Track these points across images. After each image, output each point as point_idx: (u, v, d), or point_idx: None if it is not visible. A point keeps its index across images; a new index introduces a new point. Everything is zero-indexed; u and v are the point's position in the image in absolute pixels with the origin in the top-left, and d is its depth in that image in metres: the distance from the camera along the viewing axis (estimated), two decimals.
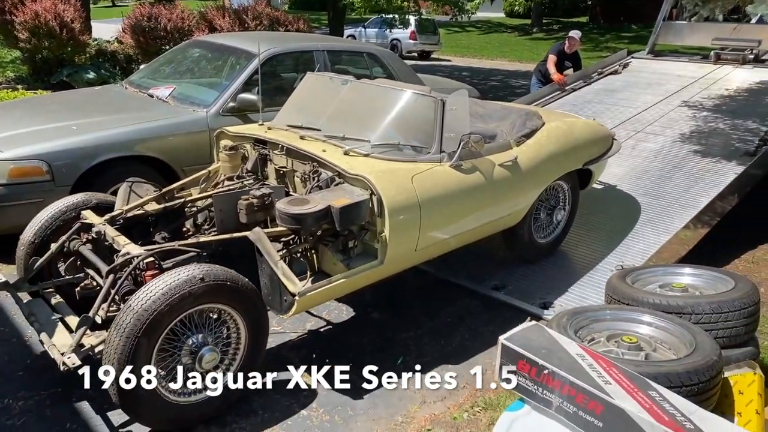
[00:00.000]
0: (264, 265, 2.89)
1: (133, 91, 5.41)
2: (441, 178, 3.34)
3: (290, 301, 2.84)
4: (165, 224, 3.41)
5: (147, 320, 2.46)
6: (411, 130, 3.50)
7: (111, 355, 2.47)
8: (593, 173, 4.63)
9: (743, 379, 2.49)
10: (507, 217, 3.86)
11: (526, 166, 3.84)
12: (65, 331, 2.81)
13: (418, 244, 3.27)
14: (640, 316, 2.65)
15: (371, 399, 2.98)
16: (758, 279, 4.41)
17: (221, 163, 3.79)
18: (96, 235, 3.08)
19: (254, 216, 3.20)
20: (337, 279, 2.99)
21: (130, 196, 3.47)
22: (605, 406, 1.94)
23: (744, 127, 6.06)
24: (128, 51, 9.04)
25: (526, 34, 27.03)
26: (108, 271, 2.79)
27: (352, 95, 3.75)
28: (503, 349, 2.22)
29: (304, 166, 3.38)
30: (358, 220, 3.02)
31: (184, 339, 2.64)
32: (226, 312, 2.74)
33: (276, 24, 9.01)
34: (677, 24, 8.47)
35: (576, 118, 4.88)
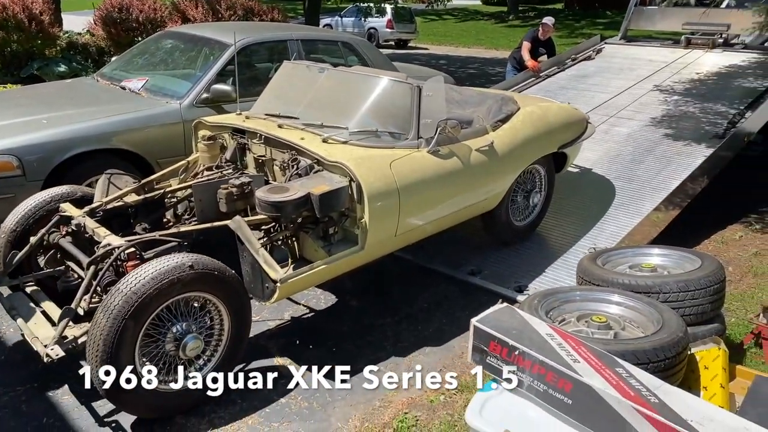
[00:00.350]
0: (245, 253, 2.92)
1: (105, 83, 5.33)
2: (419, 163, 3.38)
3: (272, 288, 2.87)
4: (145, 215, 3.42)
5: (135, 302, 2.48)
6: (388, 116, 3.53)
7: (97, 336, 2.47)
8: (568, 156, 4.70)
9: (708, 354, 2.58)
10: (485, 201, 3.92)
11: (503, 151, 3.89)
12: (47, 324, 2.81)
13: (398, 229, 3.31)
14: (609, 296, 2.72)
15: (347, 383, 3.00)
16: (727, 258, 4.52)
17: (200, 153, 3.79)
18: (76, 227, 3.08)
19: (234, 205, 3.22)
20: (319, 265, 3.03)
21: (109, 188, 3.46)
22: (574, 383, 1.99)
23: (713, 110, 6.16)
24: (100, 43, 8.90)
25: (502, 22, 27.07)
26: (89, 263, 2.79)
27: (329, 83, 3.77)
28: (475, 331, 2.27)
29: (283, 155, 3.39)
30: (337, 207, 3.06)
31: (168, 326, 2.66)
32: (210, 302, 2.76)
33: (250, 14, 8.92)
34: (649, 9, 8.56)
35: (550, 103, 4.94)
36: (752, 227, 5.11)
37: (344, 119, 3.47)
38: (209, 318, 2.79)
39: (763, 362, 3.13)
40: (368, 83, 3.65)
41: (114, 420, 2.78)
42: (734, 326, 3.49)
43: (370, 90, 3.59)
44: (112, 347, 2.46)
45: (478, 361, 2.26)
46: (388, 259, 3.74)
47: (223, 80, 4.91)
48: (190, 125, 4.68)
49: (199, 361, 2.80)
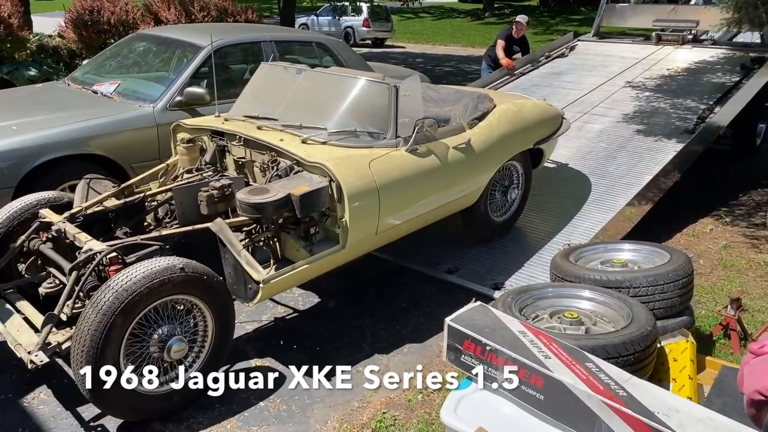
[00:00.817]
0: (227, 255, 2.94)
1: (76, 87, 5.27)
2: (398, 162, 3.42)
3: (255, 289, 2.90)
4: (126, 219, 3.41)
5: (126, 299, 2.51)
6: (366, 116, 3.57)
7: (84, 332, 2.47)
8: (544, 152, 4.78)
9: (677, 347, 2.64)
10: (463, 197, 3.97)
11: (480, 148, 3.95)
12: (30, 330, 2.81)
13: (378, 227, 3.35)
14: (581, 292, 2.77)
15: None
16: (698, 251, 4.62)
17: (179, 156, 3.79)
18: (56, 233, 3.07)
19: (215, 207, 3.24)
20: (301, 265, 3.05)
21: (88, 193, 3.46)
22: (545, 379, 2.03)
23: (684, 105, 6.28)
24: (71, 46, 8.76)
25: (478, 19, 27.21)
26: (71, 269, 2.78)
27: (307, 84, 3.79)
28: (449, 330, 2.30)
29: (263, 156, 3.41)
30: (318, 207, 3.09)
31: (154, 328, 2.67)
32: (195, 305, 2.78)
33: (224, 14, 8.86)
34: (620, 7, 8.68)
35: (526, 99, 5.00)
36: (722, 220, 5.22)
37: (323, 120, 3.50)
38: (193, 321, 2.80)
39: (732, 353, 3.21)
40: (346, 84, 3.68)
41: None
42: (704, 318, 3.57)
43: (348, 90, 3.62)
44: (99, 343, 2.47)
45: (452, 360, 2.29)
46: (365, 259, 3.76)
47: (197, 83, 4.90)
48: (164, 129, 4.68)
49: (182, 364, 2.79)
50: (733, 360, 3.07)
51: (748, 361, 1.70)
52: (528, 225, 4.75)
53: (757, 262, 4.42)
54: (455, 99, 4.50)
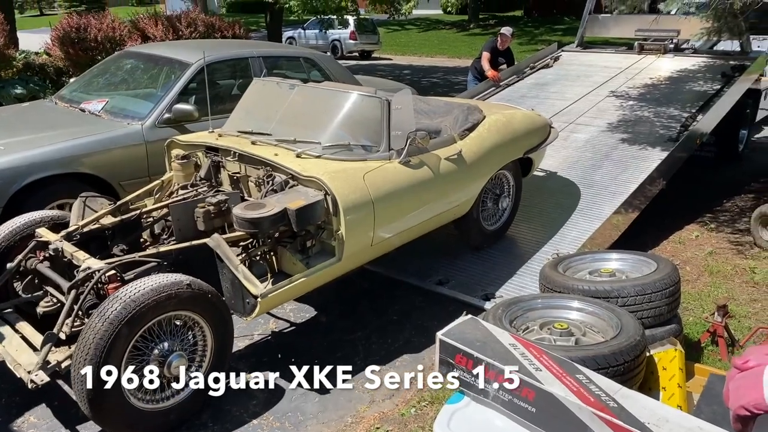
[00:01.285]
0: (224, 271, 2.96)
1: (63, 106, 5.26)
2: (391, 174, 3.47)
3: (253, 303, 2.91)
4: (122, 237, 3.42)
5: (133, 310, 2.54)
6: (359, 130, 3.62)
7: (89, 340, 2.48)
8: (533, 161, 4.86)
9: (666, 355, 2.67)
10: (456, 207, 4.04)
11: (471, 159, 4.02)
12: (29, 350, 2.81)
13: (374, 239, 3.39)
14: (570, 303, 2.80)
15: (321, 403, 3.04)
16: (684, 258, 4.68)
17: (174, 173, 3.82)
18: (54, 252, 3.08)
19: (212, 223, 3.26)
20: (298, 278, 3.07)
21: (84, 211, 3.47)
22: (537, 392, 2.05)
23: (667, 114, 6.37)
24: (58, 63, 8.75)
25: (463, 30, 27.44)
26: (70, 287, 2.79)
27: (300, 99, 3.84)
28: (441, 344, 2.31)
29: (258, 171, 3.45)
30: (314, 221, 3.11)
31: (157, 342, 2.69)
32: (195, 322, 2.80)
33: (211, 30, 8.89)
34: (603, 17, 8.79)
35: (515, 110, 5.08)
36: (707, 227, 5.30)
37: (316, 134, 3.55)
38: (193, 337, 2.82)
39: (720, 359, 3.25)
40: (339, 98, 3.73)
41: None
42: (692, 325, 3.62)
43: (341, 105, 3.67)
44: (103, 351, 2.48)
45: (444, 374, 2.30)
46: (356, 271, 3.77)
47: (185, 100, 4.91)
48: (153, 146, 4.70)
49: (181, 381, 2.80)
50: (721, 366, 3.11)
51: (733, 376, 1.72)
52: (517, 235, 4.79)
53: (742, 267, 4.48)
54: (445, 111, 4.57)
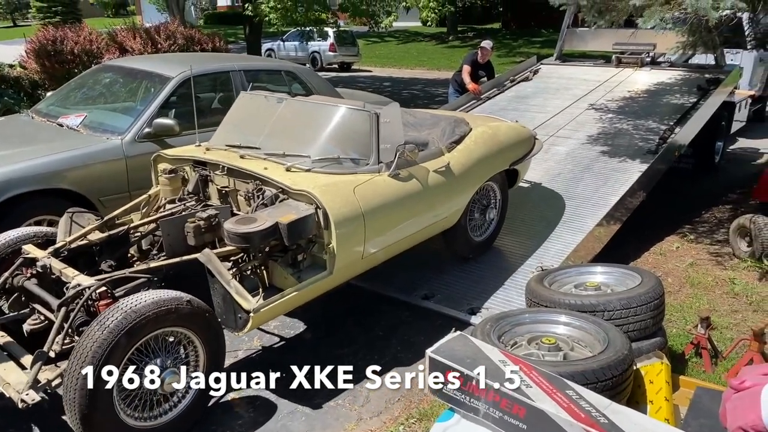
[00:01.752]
0: (216, 286, 2.94)
1: (40, 120, 5.17)
2: (381, 187, 3.49)
3: (245, 318, 2.90)
4: (110, 252, 3.39)
5: (134, 321, 2.54)
6: (349, 143, 3.63)
7: (86, 348, 2.47)
8: (519, 172, 4.93)
9: (652, 369, 2.68)
10: (444, 219, 4.07)
11: (458, 171, 4.06)
12: (17, 369, 2.75)
13: (365, 251, 3.40)
14: (557, 317, 2.80)
15: (308, 422, 3.00)
16: (665, 269, 4.73)
17: (161, 187, 3.78)
18: (41, 269, 3.03)
19: (202, 238, 3.24)
20: (290, 292, 3.07)
21: (71, 227, 3.43)
22: (527, 408, 2.04)
23: (645, 126, 6.47)
24: (33, 76, 8.61)
25: (442, 42, 27.68)
26: (60, 305, 2.75)
27: (288, 112, 3.84)
28: (431, 362, 2.30)
29: (247, 185, 3.43)
30: (305, 234, 3.11)
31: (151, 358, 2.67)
32: (189, 339, 2.78)
33: (191, 43, 8.83)
34: (580, 31, 8.93)
35: (500, 122, 5.14)
36: (687, 238, 5.37)
37: (306, 147, 3.55)
38: (185, 355, 2.80)
39: (704, 371, 3.28)
40: (328, 112, 3.74)
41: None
42: (675, 337, 3.65)
43: (330, 118, 3.68)
44: (100, 360, 2.45)
45: (435, 392, 2.28)
46: (341, 288, 3.74)
47: (165, 114, 4.86)
48: (133, 161, 4.64)
49: (174, 397, 2.78)
50: (705, 378, 3.13)
51: (729, 396, 1.74)
52: (501, 248, 4.80)
53: (722, 278, 4.54)
54: (432, 123, 4.60)
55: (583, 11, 6.13)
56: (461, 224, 4.28)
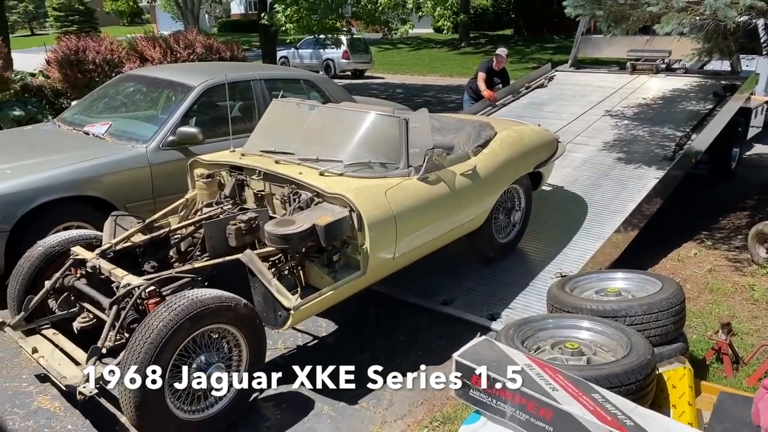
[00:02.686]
0: (257, 285, 3.05)
1: (66, 129, 5.30)
2: (411, 190, 3.60)
3: (285, 315, 3.02)
4: (152, 254, 3.52)
5: (198, 308, 2.70)
6: (379, 148, 3.74)
7: (153, 326, 2.60)
8: (543, 175, 5.01)
9: (675, 373, 2.72)
10: (471, 221, 4.17)
11: (485, 174, 4.16)
12: (71, 364, 2.92)
13: (396, 252, 3.51)
14: (579, 323, 2.84)
15: (334, 424, 3.05)
16: (684, 276, 4.74)
17: (198, 191, 3.91)
18: (91, 269, 3.16)
19: (243, 239, 3.36)
20: (326, 291, 3.19)
21: (116, 230, 3.58)
22: (554, 411, 2.09)
23: (661, 133, 6.48)
24: (56, 85, 8.77)
25: (454, 49, 27.75)
26: (111, 303, 2.90)
27: (320, 119, 3.96)
28: (457, 365, 2.35)
29: (282, 189, 3.55)
30: (340, 236, 3.23)
31: (198, 353, 2.79)
32: (235, 339, 2.91)
33: (209, 51, 8.96)
34: (595, 38, 8.96)
35: (524, 126, 5.22)
36: (705, 244, 5.38)
37: (338, 153, 3.66)
38: (229, 352, 2.92)
39: (725, 376, 3.30)
40: (358, 118, 3.85)
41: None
42: (696, 343, 3.67)
43: (361, 124, 3.80)
44: (159, 345, 2.58)
45: (461, 395, 2.33)
46: (361, 294, 3.80)
47: (187, 122, 4.96)
48: (157, 169, 4.75)
49: (219, 392, 2.88)
50: (726, 383, 3.15)
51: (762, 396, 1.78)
52: (520, 255, 4.84)
53: (741, 285, 4.55)
54: (457, 127, 4.71)
55: (598, 21, 6.17)
56: (487, 226, 4.38)
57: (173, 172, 4.80)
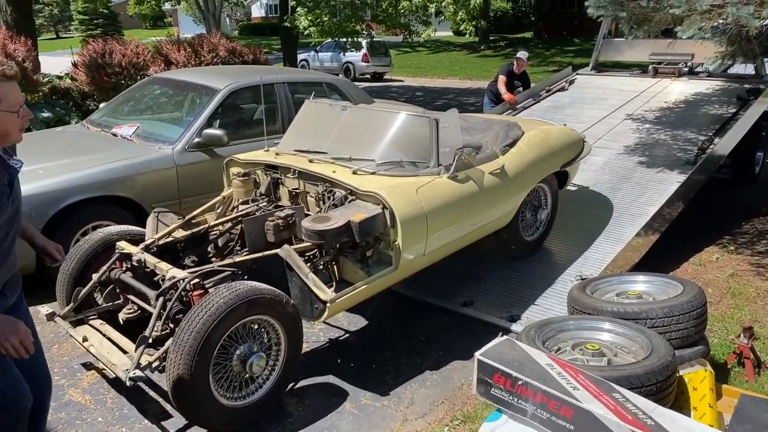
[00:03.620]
0: (294, 278, 3.17)
1: (95, 130, 5.43)
2: (441, 189, 3.68)
3: (321, 308, 3.14)
4: (192, 249, 3.67)
5: (254, 294, 2.85)
6: (410, 147, 3.84)
7: (210, 305, 2.74)
8: (569, 174, 5.06)
9: (696, 376, 2.73)
10: (499, 219, 4.24)
11: (513, 173, 4.23)
12: (119, 352, 3.08)
13: (426, 248, 3.60)
14: (600, 324, 2.86)
15: (356, 421, 3.10)
16: (705, 280, 4.72)
17: (234, 189, 4.04)
18: (137, 263, 3.31)
19: (280, 235, 3.47)
20: (360, 285, 3.30)
21: (158, 226, 3.73)
22: (575, 410, 2.12)
23: (683, 137, 6.45)
24: (83, 87, 8.97)
25: (474, 52, 27.74)
26: (158, 295, 3.04)
27: (352, 119, 4.06)
28: (479, 364, 2.39)
29: (316, 187, 3.67)
30: (374, 232, 3.34)
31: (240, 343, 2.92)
32: (275, 330, 3.03)
33: (232, 55, 9.09)
34: (616, 41, 8.93)
35: (551, 125, 5.28)
36: (727, 249, 5.34)
37: (370, 152, 3.76)
38: (268, 342, 3.05)
39: (747, 380, 3.30)
40: (390, 118, 3.94)
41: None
42: (717, 347, 3.66)
43: (392, 124, 3.89)
44: (213, 323, 2.71)
45: (482, 393, 2.37)
46: (383, 293, 3.86)
47: (213, 124, 5.06)
48: (183, 170, 4.86)
49: (258, 380, 3.03)
50: (749, 387, 3.15)
51: None
52: (540, 257, 4.85)
53: (764, 289, 4.52)
54: (485, 127, 4.79)
55: (620, 22, 6.16)
56: (514, 224, 4.45)
57: (198, 173, 4.92)
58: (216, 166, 5.00)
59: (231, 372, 2.90)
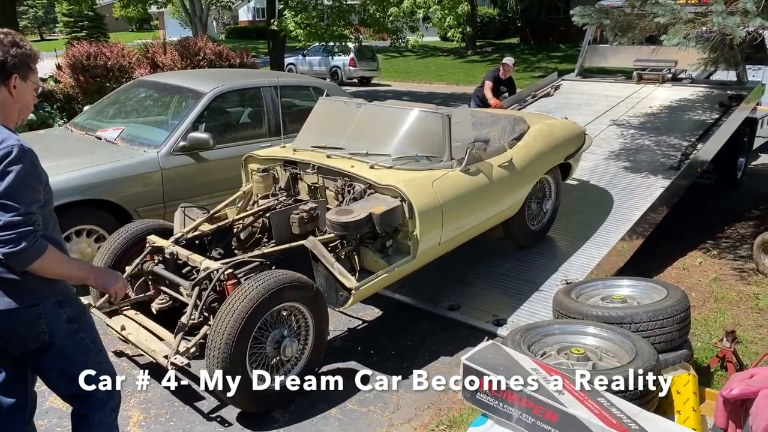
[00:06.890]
0: (320, 268, 3.29)
1: (79, 133, 5.38)
2: (455, 181, 3.84)
3: (346, 296, 3.30)
4: (217, 241, 3.83)
5: (292, 280, 3.04)
6: (424, 142, 3.97)
7: (253, 286, 2.91)
8: (572, 166, 5.23)
9: (680, 380, 2.74)
10: (507, 209, 4.39)
11: (520, 165, 4.38)
12: (156, 339, 3.23)
13: (441, 238, 3.77)
14: (585, 329, 2.88)
15: (341, 426, 3.09)
16: (689, 284, 4.77)
17: (254, 184, 4.15)
18: (169, 255, 3.45)
19: (304, 227, 3.59)
20: (381, 274, 3.46)
21: (185, 220, 3.85)
22: (560, 414, 2.12)
23: (667, 143, 6.52)
24: (67, 90, 8.88)
25: (461, 57, 27.86)
26: (193, 285, 3.17)
27: (367, 116, 4.17)
28: (465, 369, 2.39)
29: (335, 182, 3.78)
30: (394, 223, 3.51)
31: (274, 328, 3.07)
32: (304, 316, 3.18)
33: (219, 58, 9.06)
34: (601, 47, 9.01)
35: (554, 119, 5.42)
36: (710, 253, 5.40)
37: (386, 147, 3.88)
38: (297, 328, 3.20)
39: None
40: (404, 115, 4.07)
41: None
42: (700, 350, 3.69)
43: (407, 120, 4.02)
44: (249, 312, 2.86)
45: (468, 398, 2.37)
46: (369, 298, 3.86)
47: (198, 128, 5.03)
48: (168, 173, 4.82)
49: (289, 363, 3.17)
50: None
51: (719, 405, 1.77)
52: (526, 262, 4.87)
53: (746, 294, 4.58)
54: (491, 122, 4.90)
55: (605, 30, 6.22)
56: (521, 214, 4.58)
57: (184, 177, 4.88)
58: (202, 170, 4.98)
59: (265, 356, 3.02)
